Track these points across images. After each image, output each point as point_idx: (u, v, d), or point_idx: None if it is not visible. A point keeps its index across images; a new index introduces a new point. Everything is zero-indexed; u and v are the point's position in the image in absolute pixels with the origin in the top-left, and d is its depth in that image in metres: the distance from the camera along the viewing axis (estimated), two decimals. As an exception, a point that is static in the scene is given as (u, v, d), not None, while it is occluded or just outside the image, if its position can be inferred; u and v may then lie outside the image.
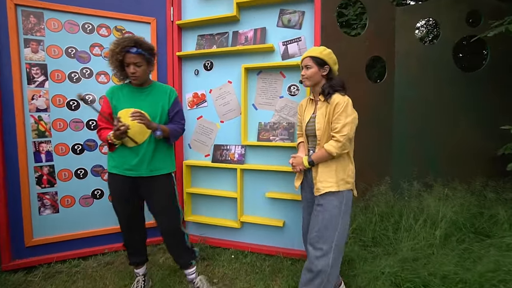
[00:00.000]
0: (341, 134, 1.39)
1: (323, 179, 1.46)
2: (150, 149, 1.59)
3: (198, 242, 2.32)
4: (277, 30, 2.10)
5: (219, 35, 2.22)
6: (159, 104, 1.62)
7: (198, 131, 2.34)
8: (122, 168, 1.58)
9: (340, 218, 1.43)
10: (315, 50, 1.51)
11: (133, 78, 1.54)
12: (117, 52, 1.47)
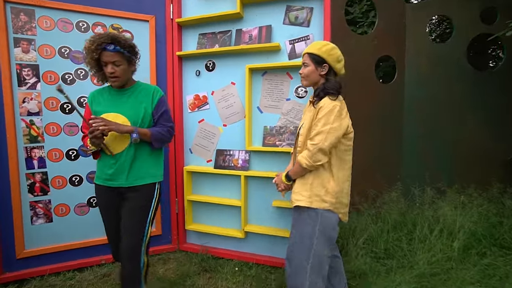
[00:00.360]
0: (311, 142, 1.23)
1: (298, 190, 1.33)
2: (129, 157, 1.42)
3: (199, 252, 2.20)
4: (284, 28, 1.97)
5: (222, 34, 2.10)
6: (141, 106, 1.45)
7: (199, 135, 2.22)
8: (102, 178, 1.45)
9: (315, 239, 1.25)
10: (314, 46, 1.33)
11: (112, 79, 1.38)
12: (93, 49, 1.31)
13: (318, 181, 1.28)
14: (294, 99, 1.97)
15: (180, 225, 2.28)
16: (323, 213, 1.27)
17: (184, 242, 2.30)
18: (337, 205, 1.28)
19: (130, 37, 2.10)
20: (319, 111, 1.25)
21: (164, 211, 2.25)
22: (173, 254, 2.25)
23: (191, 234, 2.31)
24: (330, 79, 1.32)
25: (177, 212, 2.27)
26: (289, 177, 1.36)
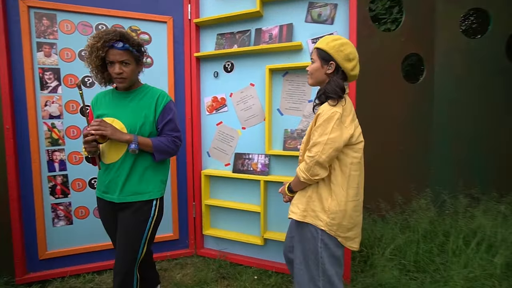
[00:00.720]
0: (308, 154, 1.10)
1: (295, 202, 1.22)
2: (124, 169, 1.27)
3: (217, 258, 2.15)
4: (306, 26, 1.87)
5: (241, 33, 2.03)
6: (142, 112, 1.29)
7: (217, 138, 2.17)
8: (99, 189, 1.35)
9: (320, 257, 1.14)
10: (323, 40, 1.16)
11: (119, 80, 1.25)
12: (99, 47, 1.18)
13: (317, 197, 1.16)
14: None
15: (197, 230, 2.24)
16: (321, 232, 1.14)
17: (201, 247, 2.26)
18: (334, 227, 1.13)
19: (148, 38, 2.08)
20: (317, 118, 1.11)
21: (181, 215, 2.22)
22: (190, 259, 2.22)
23: (209, 239, 2.26)
24: (333, 80, 1.14)
25: (194, 216, 2.23)
26: (290, 188, 1.26)
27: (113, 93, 1.35)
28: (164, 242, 2.19)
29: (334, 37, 1.16)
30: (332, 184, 1.14)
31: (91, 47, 1.21)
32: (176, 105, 2.13)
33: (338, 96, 1.10)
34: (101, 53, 1.20)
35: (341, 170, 1.13)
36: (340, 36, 1.18)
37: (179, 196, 2.20)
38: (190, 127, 2.17)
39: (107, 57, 1.22)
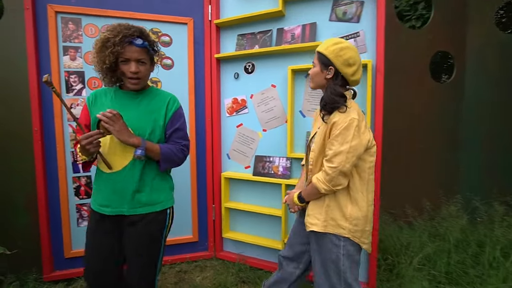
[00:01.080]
0: (330, 165, 1.06)
1: (312, 212, 1.17)
2: (133, 178, 1.15)
3: (236, 261, 2.13)
4: (330, 25, 1.81)
5: (262, 34, 1.99)
6: (152, 116, 1.19)
7: (237, 140, 2.14)
8: (97, 202, 1.17)
9: (341, 265, 1.12)
10: (324, 43, 1.14)
11: (134, 81, 1.13)
12: (117, 42, 1.06)
13: (336, 205, 1.13)
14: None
15: (216, 233, 2.22)
16: (344, 240, 1.12)
17: (220, 250, 2.24)
18: (358, 233, 1.11)
19: (169, 40, 2.08)
20: (332, 127, 1.08)
21: (201, 217, 2.21)
22: (209, 262, 2.20)
23: (228, 242, 2.24)
24: (330, 87, 1.12)
25: (214, 219, 2.22)
26: (302, 199, 1.21)
27: (117, 93, 1.20)
28: (184, 244, 2.19)
29: (335, 40, 1.13)
30: (351, 190, 1.12)
31: (105, 42, 1.07)
32: (196, 106, 2.14)
33: (335, 103, 1.09)
34: (119, 49, 1.07)
35: (359, 175, 1.13)
36: (342, 40, 1.14)
37: (198, 198, 2.19)
38: (210, 129, 2.16)
39: (123, 54, 1.09)
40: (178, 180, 2.13)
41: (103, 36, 1.08)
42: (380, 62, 1.64)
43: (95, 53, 1.11)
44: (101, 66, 1.11)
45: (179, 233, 2.18)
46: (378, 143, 1.67)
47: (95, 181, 1.22)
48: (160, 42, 2.06)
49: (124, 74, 1.13)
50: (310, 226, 1.16)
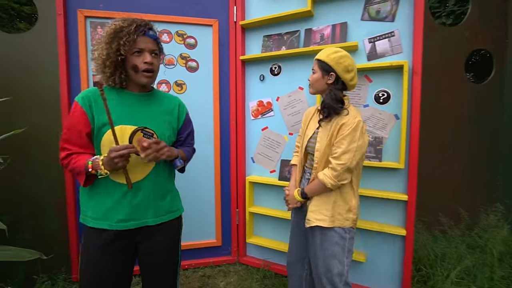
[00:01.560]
0: (338, 162, 1.17)
1: (316, 208, 1.26)
2: (155, 186, 1.09)
3: (261, 267, 2.09)
4: (362, 24, 1.72)
5: (289, 35, 1.93)
6: (166, 119, 1.13)
7: (262, 143, 2.09)
8: (113, 220, 1.03)
9: (345, 258, 1.24)
10: (324, 52, 1.25)
11: (149, 74, 1.03)
12: (132, 31, 0.98)
13: (342, 199, 1.25)
14: (374, 105, 1.72)
15: (240, 237, 2.19)
16: (349, 229, 1.26)
17: (244, 255, 2.21)
18: (356, 221, 1.29)
19: (194, 43, 2.06)
20: (341, 127, 1.19)
21: (224, 222, 2.18)
22: (233, 267, 2.18)
23: (251, 247, 2.20)
24: (332, 92, 1.24)
25: (237, 223, 2.18)
26: (305, 194, 1.29)
27: (121, 94, 1.06)
28: (207, 248, 2.18)
29: (334, 49, 1.25)
30: (354, 185, 1.26)
31: (118, 31, 0.98)
32: (221, 109, 2.11)
33: (333, 109, 1.21)
34: (135, 37, 0.98)
35: (357, 171, 1.27)
36: (340, 49, 1.25)
37: (222, 202, 2.17)
38: (235, 132, 2.12)
39: (137, 44, 0.99)
40: (202, 184, 2.12)
41: (115, 25, 0.99)
42: (418, 63, 1.55)
43: (104, 44, 0.99)
44: (112, 60, 0.98)
45: (202, 237, 2.16)
46: (414, 149, 1.58)
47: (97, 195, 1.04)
48: (186, 44, 2.05)
49: (136, 67, 1.01)
50: (315, 221, 1.24)
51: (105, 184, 1.03)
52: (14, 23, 7.11)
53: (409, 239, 1.61)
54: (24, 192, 1.88)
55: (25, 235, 1.89)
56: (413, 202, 1.59)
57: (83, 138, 1.01)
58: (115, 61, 0.99)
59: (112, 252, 1.04)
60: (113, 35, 0.98)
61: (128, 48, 0.98)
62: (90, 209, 1.05)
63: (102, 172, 0.96)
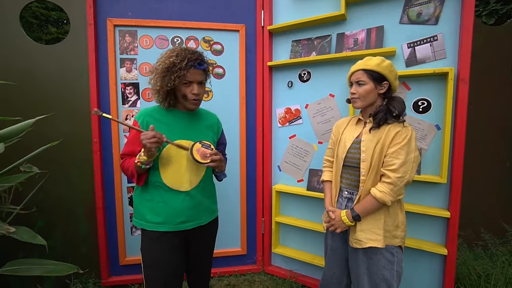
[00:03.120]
0: (398, 176, 1.08)
1: (367, 227, 1.15)
2: (206, 190, 1.28)
3: (287, 278, 2.04)
4: (400, 28, 1.62)
5: (320, 39, 1.85)
6: (209, 133, 1.30)
7: (290, 152, 2.03)
8: (176, 221, 1.18)
9: (394, 282, 1.14)
10: (370, 62, 1.19)
11: (195, 102, 1.19)
12: (182, 67, 1.11)
13: (390, 217, 1.16)
14: (412, 114, 1.61)
15: (265, 247, 2.15)
16: (397, 252, 1.17)
17: (269, 265, 2.17)
18: (404, 238, 1.21)
19: (221, 49, 2.03)
20: (396, 135, 1.12)
21: (249, 230, 2.15)
22: (258, 276, 2.14)
23: (277, 257, 2.15)
24: (393, 98, 1.19)
25: (263, 232, 2.14)
26: (358, 217, 1.16)
27: (174, 112, 1.23)
28: (232, 257, 2.15)
29: (379, 58, 1.19)
30: (400, 200, 1.19)
31: (171, 67, 1.12)
32: (247, 116, 2.07)
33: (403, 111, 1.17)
34: (186, 72, 1.12)
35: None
36: (383, 58, 1.20)
37: (248, 210, 2.13)
38: (261, 140, 2.08)
39: (187, 77, 1.13)
40: (228, 191, 2.09)
41: (170, 61, 1.11)
42: (465, 71, 1.43)
43: (159, 77, 1.14)
44: (164, 90, 1.14)
45: (227, 245, 2.14)
46: (458, 163, 1.47)
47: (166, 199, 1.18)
48: (212, 50, 2.02)
49: (185, 96, 1.17)
50: (367, 242, 1.14)
51: (161, 193, 1.18)
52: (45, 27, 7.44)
53: (451, 259, 1.50)
54: (56, 198, 1.93)
55: (57, 240, 1.95)
56: (456, 220, 1.48)
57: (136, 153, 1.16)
58: (168, 91, 1.15)
59: (172, 249, 1.18)
60: (167, 70, 1.12)
61: (177, 83, 1.13)
62: (149, 215, 1.18)
63: (141, 158, 1.08)
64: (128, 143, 1.20)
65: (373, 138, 1.16)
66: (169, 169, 1.18)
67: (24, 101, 1.85)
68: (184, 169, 1.19)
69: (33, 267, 1.02)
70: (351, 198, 1.23)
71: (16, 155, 1.36)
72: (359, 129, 1.25)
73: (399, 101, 1.17)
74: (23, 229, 1.03)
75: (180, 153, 1.18)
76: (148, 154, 1.06)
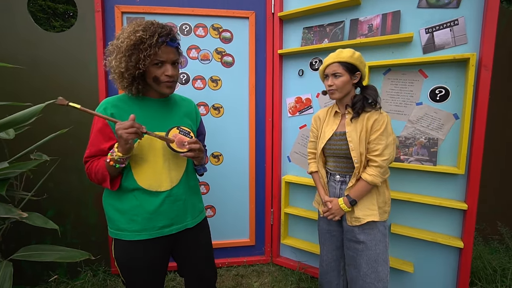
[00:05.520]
0: (383, 158, 1.20)
1: (362, 206, 1.25)
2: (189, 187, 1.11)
3: (296, 269, 2.03)
4: (418, 12, 1.54)
5: (332, 26, 1.79)
6: (187, 122, 1.11)
7: (300, 142, 1.99)
8: (157, 226, 1.02)
9: (387, 253, 1.26)
10: (343, 54, 1.25)
11: (169, 84, 0.99)
12: (152, 44, 0.91)
13: (379, 194, 1.27)
14: (429, 103, 1.55)
15: (274, 238, 2.13)
16: (386, 225, 1.29)
17: (277, 256, 2.16)
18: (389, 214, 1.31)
19: (230, 36, 1.98)
20: (374, 123, 1.21)
21: (258, 221, 2.14)
22: (266, 267, 2.14)
23: (285, 248, 2.14)
24: (367, 87, 1.28)
25: (271, 223, 2.13)
26: (355, 201, 1.25)
27: (144, 100, 1.04)
28: (240, 247, 2.15)
29: (350, 51, 1.25)
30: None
31: (139, 43, 0.91)
32: (257, 106, 2.04)
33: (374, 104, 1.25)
34: (157, 50, 0.93)
35: None
36: (353, 50, 1.25)
37: (256, 201, 2.11)
38: (270, 130, 2.04)
39: (158, 56, 0.94)
40: (236, 182, 2.08)
41: (137, 37, 0.91)
42: (489, 56, 1.35)
43: (123, 56, 0.92)
44: (131, 72, 0.94)
45: (236, 236, 2.14)
46: (477, 154, 1.41)
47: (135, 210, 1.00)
48: (221, 38, 1.97)
49: (157, 79, 0.97)
50: (365, 218, 1.23)
51: (136, 196, 1.00)
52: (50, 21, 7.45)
53: (467, 252, 1.45)
54: (65, 186, 1.94)
55: (67, 229, 1.96)
56: (473, 212, 1.44)
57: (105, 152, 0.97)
58: (133, 74, 0.94)
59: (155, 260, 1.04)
60: (133, 47, 0.92)
61: (148, 63, 0.94)
62: (125, 223, 1.00)
63: (115, 155, 0.89)
64: (92, 143, 0.99)
65: (355, 128, 1.24)
66: (143, 167, 0.99)
67: (31, 89, 1.85)
68: (161, 166, 1.01)
69: (46, 253, 1.02)
70: (344, 181, 1.31)
71: (27, 144, 1.36)
72: (337, 121, 1.32)
73: (372, 89, 1.27)
74: (35, 215, 1.03)
75: (154, 146, 1.00)
76: (124, 148, 0.88)
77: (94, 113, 0.90)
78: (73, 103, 0.86)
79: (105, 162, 0.93)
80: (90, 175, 0.99)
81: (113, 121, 0.91)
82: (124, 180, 0.99)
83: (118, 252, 1.03)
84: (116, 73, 0.96)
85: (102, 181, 0.97)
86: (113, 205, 1.02)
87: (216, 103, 2.01)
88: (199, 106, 1.99)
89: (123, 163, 0.93)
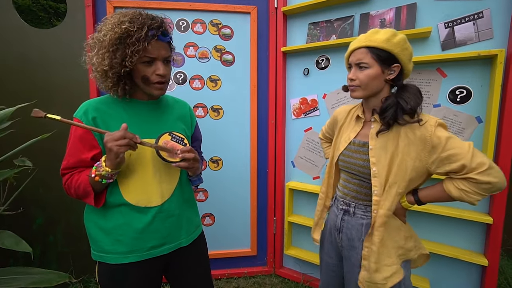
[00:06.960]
0: (481, 170, 0.77)
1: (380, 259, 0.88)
2: (184, 201, 0.98)
3: (300, 282, 1.89)
4: (437, 4, 1.40)
5: (340, 21, 1.65)
6: (181, 126, 0.99)
7: (305, 146, 1.86)
8: (147, 246, 0.89)
9: None
10: (377, 36, 0.86)
11: (162, 85, 0.87)
12: (141, 38, 0.78)
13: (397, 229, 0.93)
14: (448, 105, 1.41)
15: (277, 248, 2.00)
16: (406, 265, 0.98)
17: (280, 267, 2.03)
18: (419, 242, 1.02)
19: (230, 33, 1.85)
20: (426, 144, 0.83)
21: (260, 230, 2.00)
22: (268, 279, 2.00)
23: (289, 259, 2.01)
24: (407, 87, 0.89)
25: (274, 232, 1.99)
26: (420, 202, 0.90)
27: (130, 103, 0.90)
28: (241, 258, 2.02)
29: (389, 31, 0.87)
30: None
31: (124, 37, 0.78)
32: (258, 107, 1.91)
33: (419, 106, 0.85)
34: (147, 45, 0.80)
35: None
36: (395, 31, 0.88)
37: (258, 209, 1.98)
38: (273, 133, 1.91)
39: (148, 52, 0.81)
40: (237, 188, 1.95)
41: (122, 29, 0.78)
42: (518, 52, 1.21)
43: (106, 52, 0.79)
44: (116, 70, 0.80)
45: (236, 246, 2.01)
46: (504, 161, 1.27)
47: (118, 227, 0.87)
48: (221, 35, 1.84)
49: (146, 78, 0.84)
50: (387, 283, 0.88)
51: (123, 213, 0.87)
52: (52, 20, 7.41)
53: (493, 270, 1.31)
54: (55, 193, 1.82)
55: (57, 237, 1.85)
56: (499, 226, 1.29)
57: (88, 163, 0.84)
58: (119, 73, 0.81)
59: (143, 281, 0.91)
60: (118, 41, 0.79)
61: (136, 60, 0.80)
62: (110, 245, 0.87)
63: (102, 170, 0.77)
64: (70, 153, 0.85)
65: (385, 146, 0.88)
66: (131, 180, 0.86)
67: (19, 88, 1.73)
68: (151, 178, 0.88)
69: (19, 277, 0.90)
70: (347, 210, 0.98)
71: (10, 148, 1.24)
72: (357, 128, 0.98)
73: (412, 91, 0.86)
74: (6, 234, 0.90)
75: (143, 155, 0.87)
76: (114, 163, 0.76)
77: (77, 124, 0.79)
78: (51, 115, 0.74)
79: (88, 177, 0.81)
80: (68, 190, 0.86)
81: (101, 132, 0.79)
82: (109, 195, 0.86)
83: (103, 277, 0.90)
84: (98, 71, 0.83)
85: (83, 196, 0.84)
86: (96, 223, 0.89)
87: (215, 104, 1.88)
88: (197, 107, 1.87)
89: (111, 179, 0.81)
